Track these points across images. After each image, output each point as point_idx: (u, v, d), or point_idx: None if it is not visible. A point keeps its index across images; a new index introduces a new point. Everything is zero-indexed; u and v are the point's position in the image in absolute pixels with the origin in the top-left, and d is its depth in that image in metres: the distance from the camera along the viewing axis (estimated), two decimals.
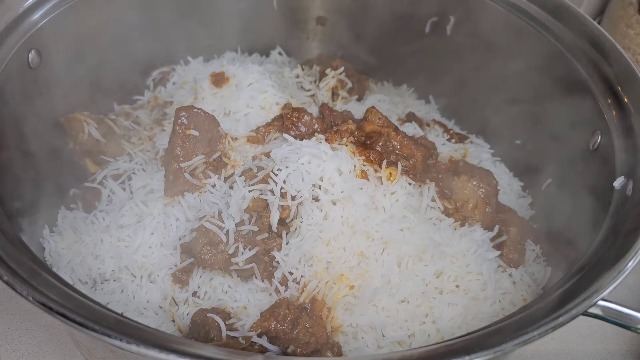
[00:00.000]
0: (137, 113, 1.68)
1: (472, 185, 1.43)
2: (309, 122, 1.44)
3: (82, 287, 1.31)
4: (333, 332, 1.22)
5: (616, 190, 1.16)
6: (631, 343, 1.49)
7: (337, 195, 1.28)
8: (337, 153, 1.33)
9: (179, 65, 1.86)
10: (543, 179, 1.56)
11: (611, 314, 0.95)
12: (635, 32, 1.94)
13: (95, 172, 1.50)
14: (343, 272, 1.25)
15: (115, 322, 0.84)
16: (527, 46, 1.54)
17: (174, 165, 1.34)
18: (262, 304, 1.27)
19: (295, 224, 1.27)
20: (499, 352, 0.84)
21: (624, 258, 0.98)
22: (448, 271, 1.28)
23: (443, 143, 1.66)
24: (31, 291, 0.86)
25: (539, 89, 1.54)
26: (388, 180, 1.34)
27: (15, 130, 1.32)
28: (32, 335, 1.40)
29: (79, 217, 1.44)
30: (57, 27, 1.43)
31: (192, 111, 1.36)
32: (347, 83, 1.77)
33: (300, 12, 1.92)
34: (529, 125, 1.61)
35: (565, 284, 0.98)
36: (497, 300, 1.29)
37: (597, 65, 1.35)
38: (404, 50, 1.87)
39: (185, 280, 1.31)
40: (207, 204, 1.32)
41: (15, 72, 1.31)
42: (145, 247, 1.32)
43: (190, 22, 1.80)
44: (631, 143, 1.20)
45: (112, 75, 1.69)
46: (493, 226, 1.42)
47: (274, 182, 1.25)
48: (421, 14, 1.76)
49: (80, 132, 1.50)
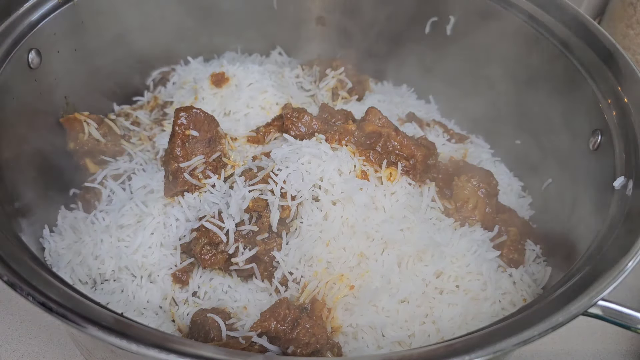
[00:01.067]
0: (137, 113, 1.68)
1: (472, 186, 1.43)
2: (309, 122, 1.44)
3: (82, 287, 1.31)
4: (333, 332, 1.22)
5: (616, 190, 1.16)
6: (631, 343, 1.49)
7: (337, 196, 1.28)
8: (337, 153, 1.33)
9: (179, 65, 1.86)
10: (543, 179, 1.56)
11: (611, 314, 0.95)
12: (635, 32, 1.94)
13: (95, 172, 1.50)
14: (343, 273, 1.25)
15: (115, 322, 0.84)
16: (527, 46, 1.54)
17: (174, 166, 1.34)
18: (262, 304, 1.27)
19: (296, 224, 1.27)
20: (499, 352, 0.84)
21: (624, 258, 0.98)
22: (448, 271, 1.28)
23: (443, 143, 1.66)
24: (31, 291, 0.86)
25: (539, 89, 1.54)
26: (388, 181, 1.34)
27: (16, 131, 1.32)
28: (32, 335, 1.40)
29: (79, 217, 1.44)
30: (57, 27, 1.43)
31: (192, 111, 1.37)
32: (347, 83, 1.77)
33: (300, 12, 1.92)
34: (529, 125, 1.61)
35: (565, 284, 0.98)
36: (497, 300, 1.29)
37: (597, 65, 1.35)
38: (404, 50, 1.87)
39: (185, 280, 1.31)
40: (207, 204, 1.32)
41: (15, 72, 1.31)
42: (145, 247, 1.32)
43: (190, 22, 1.80)
44: (631, 143, 1.20)
45: (112, 75, 1.69)
46: (493, 226, 1.42)
47: (274, 182, 1.25)
48: (421, 14, 1.76)
49: (80, 132, 1.50)
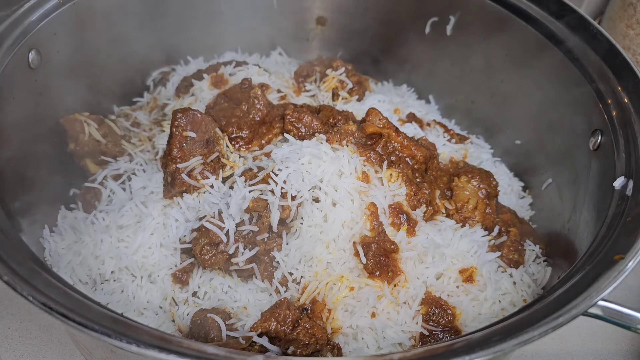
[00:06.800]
0: (136, 114, 1.68)
1: (472, 186, 1.43)
2: (310, 122, 1.44)
3: (82, 287, 1.31)
4: (333, 333, 1.22)
5: (616, 190, 1.16)
6: (631, 343, 1.49)
7: (338, 197, 1.28)
8: (338, 154, 1.33)
9: (179, 65, 1.86)
10: (543, 179, 1.56)
11: (611, 314, 0.95)
12: (635, 32, 1.94)
13: (96, 173, 1.50)
14: (343, 274, 1.25)
15: (115, 322, 0.84)
16: (527, 47, 1.54)
17: (172, 167, 1.34)
18: (262, 304, 1.27)
19: (296, 225, 1.27)
20: (499, 352, 0.84)
21: (624, 258, 0.98)
22: (448, 272, 1.28)
23: (444, 144, 1.66)
24: (31, 291, 0.86)
25: (539, 89, 1.54)
26: (389, 182, 1.34)
27: (16, 131, 1.32)
28: (32, 335, 1.40)
29: (79, 217, 1.44)
30: (57, 27, 1.43)
31: (189, 113, 1.37)
32: (347, 83, 1.77)
33: (301, 12, 1.92)
34: (529, 125, 1.61)
35: (565, 284, 0.98)
36: (497, 301, 1.29)
37: (597, 65, 1.35)
38: (404, 50, 1.87)
39: (185, 280, 1.31)
40: (207, 204, 1.32)
41: (16, 72, 1.31)
42: (145, 247, 1.32)
43: (190, 22, 1.80)
44: (631, 143, 1.20)
45: (112, 75, 1.69)
46: (493, 227, 1.42)
47: (274, 182, 1.25)
48: (421, 14, 1.76)
49: (80, 132, 1.50)
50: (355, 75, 1.81)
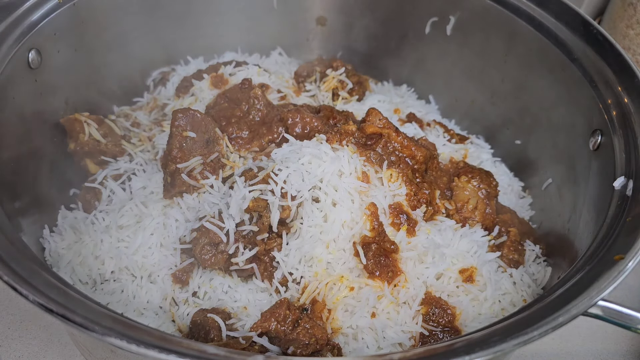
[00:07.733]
0: (136, 114, 1.68)
1: (472, 186, 1.43)
2: (310, 122, 1.44)
3: (82, 287, 1.31)
4: (333, 333, 1.22)
5: (616, 190, 1.16)
6: (631, 343, 1.49)
7: (338, 197, 1.28)
8: (338, 154, 1.33)
9: (179, 65, 1.86)
10: (543, 179, 1.56)
11: (611, 314, 0.94)
12: (635, 32, 1.94)
13: (96, 173, 1.50)
14: (343, 274, 1.25)
15: (115, 322, 0.84)
16: (527, 47, 1.54)
17: (171, 167, 1.34)
18: (262, 304, 1.27)
19: (296, 225, 1.27)
20: (499, 352, 0.84)
21: (624, 258, 0.98)
22: (448, 272, 1.28)
23: (444, 144, 1.66)
24: (31, 291, 0.86)
25: (539, 89, 1.54)
26: (389, 182, 1.34)
27: (16, 131, 1.32)
28: (32, 336, 1.40)
29: (79, 217, 1.44)
30: (57, 27, 1.43)
31: (189, 113, 1.37)
32: (347, 83, 1.77)
33: (301, 12, 1.92)
34: (529, 125, 1.61)
35: (565, 284, 0.98)
36: (497, 301, 1.29)
37: (597, 65, 1.35)
38: (404, 50, 1.87)
39: (185, 280, 1.31)
40: (207, 204, 1.32)
41: (15, 72, 1.31)
42: (145, 247, 1.32)
43: (190, 22, 1.80)
44: (631, 143, 1.20)
45: (112, 75, 1.69)
46: (493, 227, 1.42)
47: (275, 182, 1.25)
48: (421, 14, 1.76)
49: (80, 132, 1.50)
50: (355, 75, 1.81)
